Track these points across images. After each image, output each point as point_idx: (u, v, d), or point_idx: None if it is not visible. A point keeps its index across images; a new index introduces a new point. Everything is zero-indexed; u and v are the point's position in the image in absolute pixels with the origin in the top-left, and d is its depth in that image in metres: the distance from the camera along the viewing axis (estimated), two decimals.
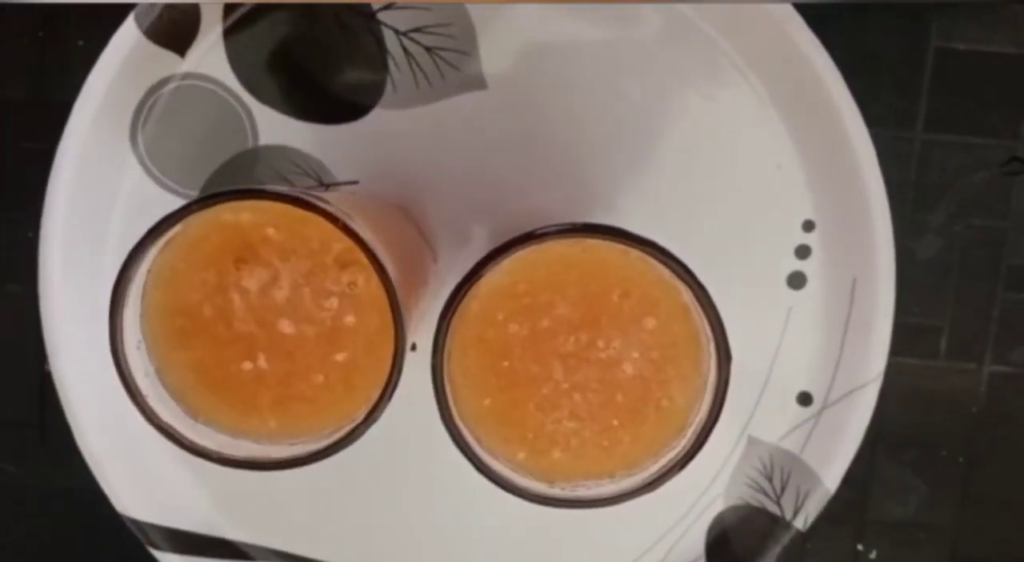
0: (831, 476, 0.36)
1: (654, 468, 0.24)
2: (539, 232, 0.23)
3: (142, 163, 0.35)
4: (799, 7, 0.33)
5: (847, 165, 0.34)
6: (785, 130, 0.35)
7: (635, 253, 0.23)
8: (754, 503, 0.37)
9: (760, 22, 0.34)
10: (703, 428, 0.23)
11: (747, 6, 0.34)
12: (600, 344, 0.25)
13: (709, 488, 0.37)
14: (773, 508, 0.36)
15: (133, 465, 0.36)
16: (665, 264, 0.23)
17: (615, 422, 0.25)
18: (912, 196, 0.37)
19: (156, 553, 0.36)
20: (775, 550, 0.36)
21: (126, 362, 0.23)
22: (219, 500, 0.37)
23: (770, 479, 0.36)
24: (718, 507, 0.37)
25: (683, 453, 0.24)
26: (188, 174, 0.35)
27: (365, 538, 0.37)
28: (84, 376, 0.35)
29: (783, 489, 0.36)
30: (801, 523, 0.36)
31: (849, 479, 0.36)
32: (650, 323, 0.25)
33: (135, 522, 0.36)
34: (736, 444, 0.37)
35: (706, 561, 0.37)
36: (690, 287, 0.23)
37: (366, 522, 0.37)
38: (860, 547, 0.39)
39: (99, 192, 0.35)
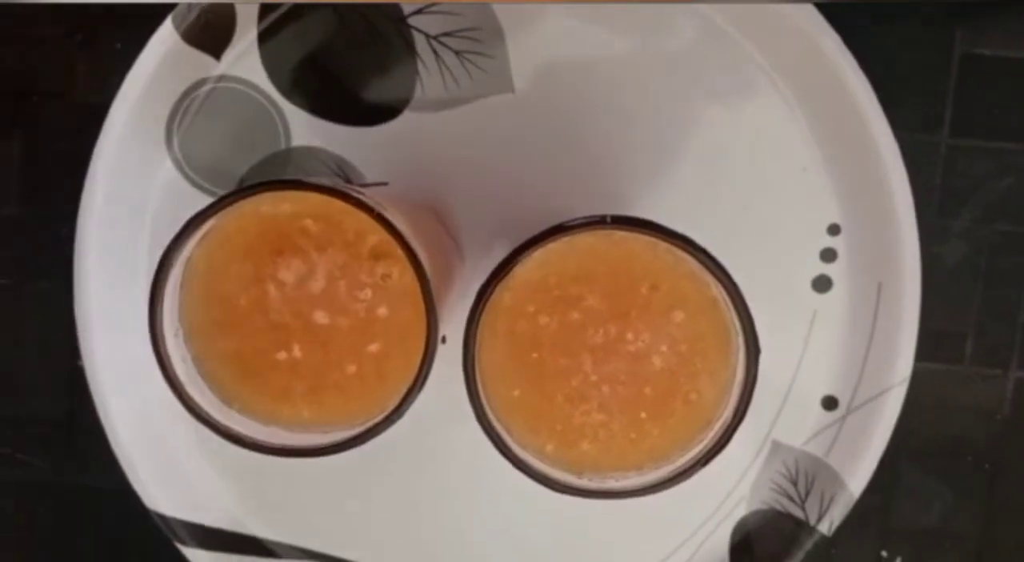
0: (856, 480, 0.35)
1: (681, 461, 0.24)
2: (569, 224, 0.23)
3: (176, 163, 0.36)
4: (827, 14, 0.34)
5: (873, 169, 0.35)
6: (811, 134, 0.35)
7: (664, 246, 0.24)
8: (778, 507, 0.37)
9: (788, 28, 0.34)
10: (730, 422, 0.24)
11: (775, 13, 0.34)
12: (629, 337, 0.25)
13: (733, 491, 0.37)
14: (797, 512, 0.36)
15: (162, 462, 0.36)
16: (694, 257, 0.23)
17: (643, 415, 0.25)
18: (938, 201, 0.37)
19: (184, 549, 0.36)
20: (799, 555, 0.36)
21: (164, 349, 0.24)
22: (246, 497, 0.37)
23: (795, 483, 0.36)
24: (742, 511, 0.37)
25: (709, 447, 0.24)
26: (221, 174, 0.36)
27: (393, 537, 0.37)
28: (117, 373, 0.36)
29: (808, 493, 0.36)
30: (826, 528, 0.36)
31: (873, 485, 0.36)
32: (679, 316, 0.25)
33: (163, 518, 0.36)
34: (761, 448, 0.37)
35: None
36: (719, 280, 0.23)
37: (394, 518, 0.37)
38: (884, 554, 0.38)
39: (134, 191, 0.36)
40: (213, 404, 0.25)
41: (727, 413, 0.24)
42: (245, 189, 0.24)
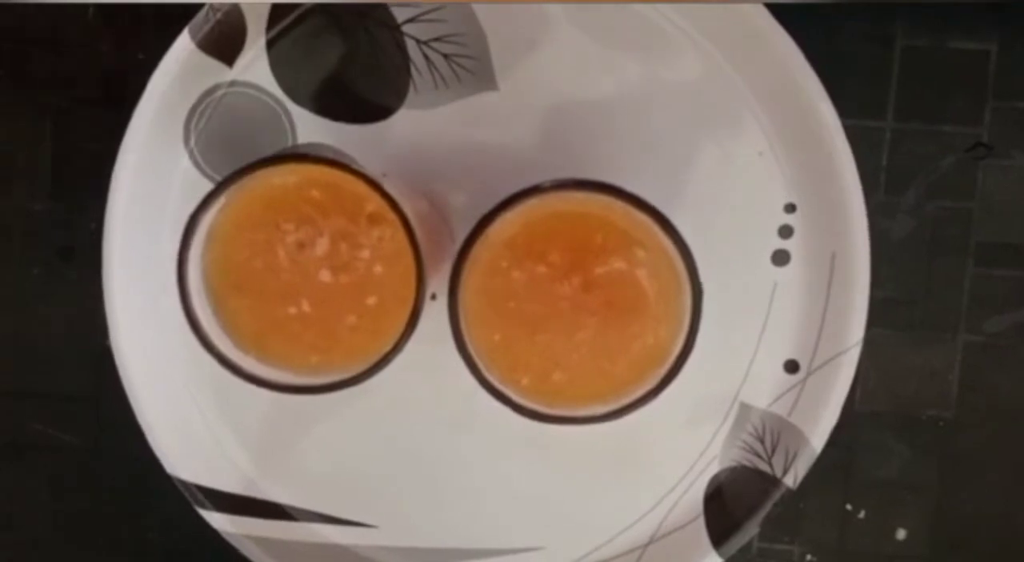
0: (817, 436, 0.38)
1: (638, 394, 0.28)
2: (536, 186, 0.27)
3: (193, 159, 0.38)
4: (779, 16, 0.36)
5: (824, 153, 0.37)
6: (768, 122, 0.38)
7: (619, 204, 0.27)
8: (747, 464, 0.39)
9: (745, 31, 0.37)
10: (680, 355, 0.27)
11: (731, 16, 0.37)
12: (591, 286, 0.28)
13: (706, 451, 0.39)
14: (765, 468, 0.38)
15: (183, 432, 0.39)
16: (641, 210, 0.27)
17: (606, 354, 0.29)
18: (885, 180, 0.39)
19: (204, 513, 0.39)
20: (767, 505, 0.38)
21: (190, 301, 0.27)
22: (265, 464, 0.39)
23: (761, 441, 0.39)
24: (715, 468, 0.39)
25: (661, 379, 0.27)
26: (234, 169, 0.39)
27: (398, 499, 0.39)
28: (142, 350, 0.38)
29: (773, 450, 0.38)
30: (791, 481, 0.38)
31: (837, 443, 0.38)
32: (634, 266, 0.28)
33: (184, 484, 0.38)
34: (729, 410, 0.39)
35: (704, 517, 0.39)
36: (663, 228, 0.27)
37: (397, 477, 0.39)
38: (849, 507, 0.41)
39: (156, 184, 0.38)
40: (231, 351, 0.28)
41: (677, 349, 0.28)
42: (259, 162, 0.27)
